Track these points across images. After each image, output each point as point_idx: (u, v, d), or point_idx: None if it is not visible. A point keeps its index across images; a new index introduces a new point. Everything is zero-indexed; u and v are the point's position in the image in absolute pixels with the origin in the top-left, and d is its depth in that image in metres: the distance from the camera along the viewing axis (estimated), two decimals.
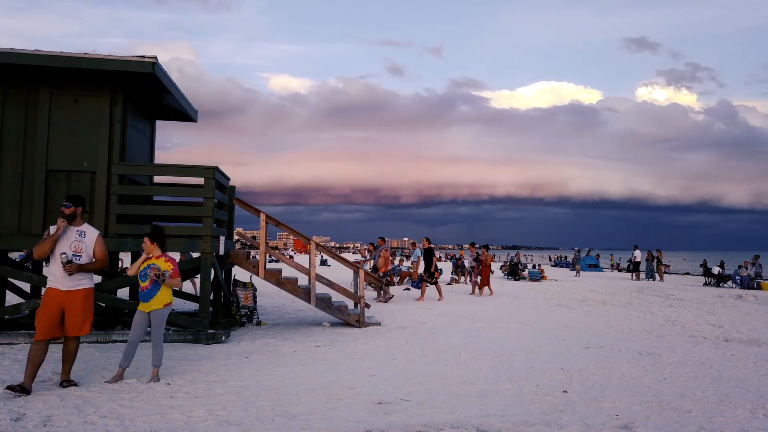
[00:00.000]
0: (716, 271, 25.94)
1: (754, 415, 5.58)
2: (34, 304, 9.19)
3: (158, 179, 11.28)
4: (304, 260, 22.38)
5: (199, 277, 9.84)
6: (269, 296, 15.55)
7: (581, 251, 39.66)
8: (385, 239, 19.56)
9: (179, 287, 6.56)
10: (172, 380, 6.34)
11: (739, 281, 24.00)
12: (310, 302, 10.61)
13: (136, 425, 4.75)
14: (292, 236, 12.72)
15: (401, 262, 26.61)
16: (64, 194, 8.84)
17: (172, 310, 6.95)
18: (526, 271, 28.39)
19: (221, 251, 9.73)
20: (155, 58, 8.52)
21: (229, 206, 10.96)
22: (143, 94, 10.04)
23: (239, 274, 12.23)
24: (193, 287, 16.34)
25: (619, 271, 41.36)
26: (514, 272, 27.41)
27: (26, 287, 11.25)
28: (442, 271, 26.45)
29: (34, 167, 8.76)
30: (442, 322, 12.12)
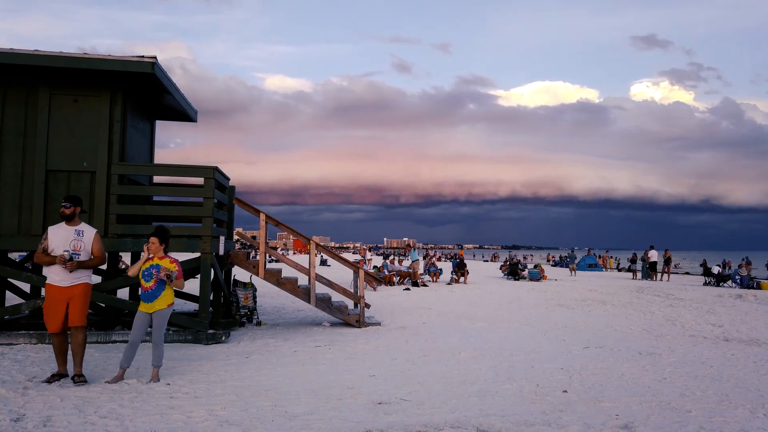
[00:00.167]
0: (716, 270, 25.97)
1: (754, 414, 5.58)
2: (34, 304, 9.19)
3: (158, 179, 11.28)
4: (303, 260, 22.37)
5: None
6: (269, 296, 15.55)
7: (574, 250, 39.67)
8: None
9: (183, 288, 6.65)
10: (172, 380, 6.34)
11: (738, 281, 24.02)
12: (310, 302, 10.61)
13: (136, 425, 4.75)
14: (291, 236, 12.71)
15: (401, 262, 26.60)
16: (63, 194, 8.82)
17: (172, 310, 6.97)
18: (525, 270, 28.39)
19: (221, 251, 9.73)
20: (155, 58, 8.52)
21: (228, 206, 10.96)
22: (143, 94, 10.04)
23: (239, 274, 12.22)
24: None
25: (618, 270, 41.35)
26: (513, 272, 27.41)
27: (26, 287, 11.25)
28: (441, 270, 26.48)
29: (33, 167, 8.75)
30: (442, 322, 12.13)
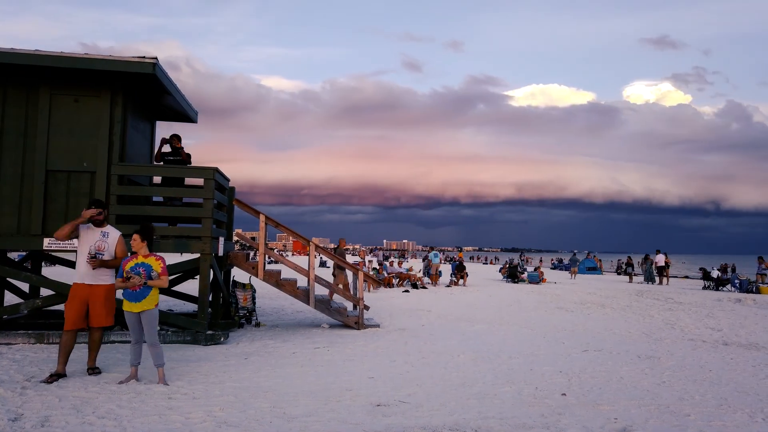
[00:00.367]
0: (715, 274, 25.99)
1: (752, 419, 5.58)
2: (32, 304, 9.18)
3: (158, 180, 11.27)
4: (302, 262, 22.38)
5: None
6: (268, 297, 15.56)
7: (576, 254, 39.65)
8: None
9: (166, 286, 6.63)
10: (170, 381, 6.34)
11: (738, 285, 24.03)
12: (309, 304, 10.60)
13: (134, 426, 4.75)
14: (291, 237, 12.72)
15: (400, 264, 26.61)
16: (63, 194, 8.84)
17: (169, 311, 6.95)
18: (525, 273, 28.41)
19: (220, 252, 9.73)
20: (156, 58, 8.53)
21: (228, 207, 10.96)
22: (143, 94, 10.05)
23: (238, 275, 12.22)
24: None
25: (618, 274, 41.36)
26: (513, 275, 27.44)
27: (25, 287, 11.24)
28: (441, 273, 26.49)
29: (33, 167, 8.74)
30: (440, 324, 12.12)
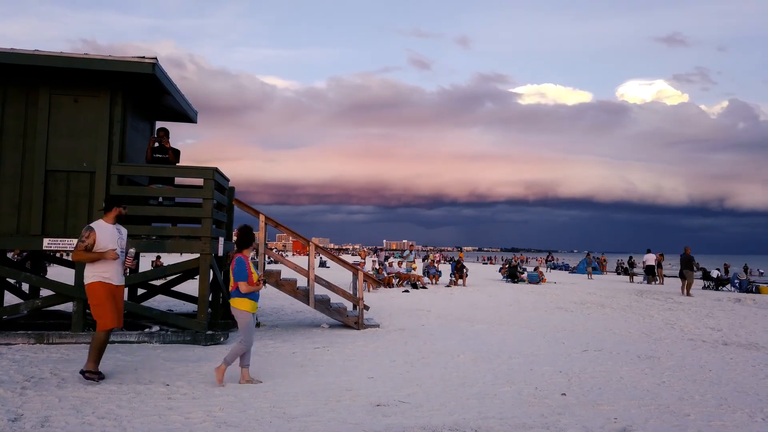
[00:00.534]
0: (715, 274, 25.99)
1: (752, 418, 5.58)
2: (32, 304, 9.18)
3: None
4: (302, 262, 22.36)
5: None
6: (268, 298, 15.55)
7: (590, 254, 39.67)
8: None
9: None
10: (170, 381, 6.34)
11: (737, 285, 24.02)
12: (309, 304, 10.60)
13: (134, 426, 4.75)
14: (291, 237, 12.71)
15: (400, 264, 26.60)
16: (63, 194, 8.83)
17: (169, 311, 6.95)
18: (525, 273, 28.41)
19: (220, 252, 9.73)
20: (155, 59, 8.53)
21: (228, 207, 10.96)
22: (143, 94, 10.05)
23: None
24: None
25: (618, 273, 41.37)
26: (513, 275, 27.43)
27: (24, 287, 11.25)
28: (441, 273, 26.49)
29: (33, 167, 8.75)
30: (440, 324, 12.12)
